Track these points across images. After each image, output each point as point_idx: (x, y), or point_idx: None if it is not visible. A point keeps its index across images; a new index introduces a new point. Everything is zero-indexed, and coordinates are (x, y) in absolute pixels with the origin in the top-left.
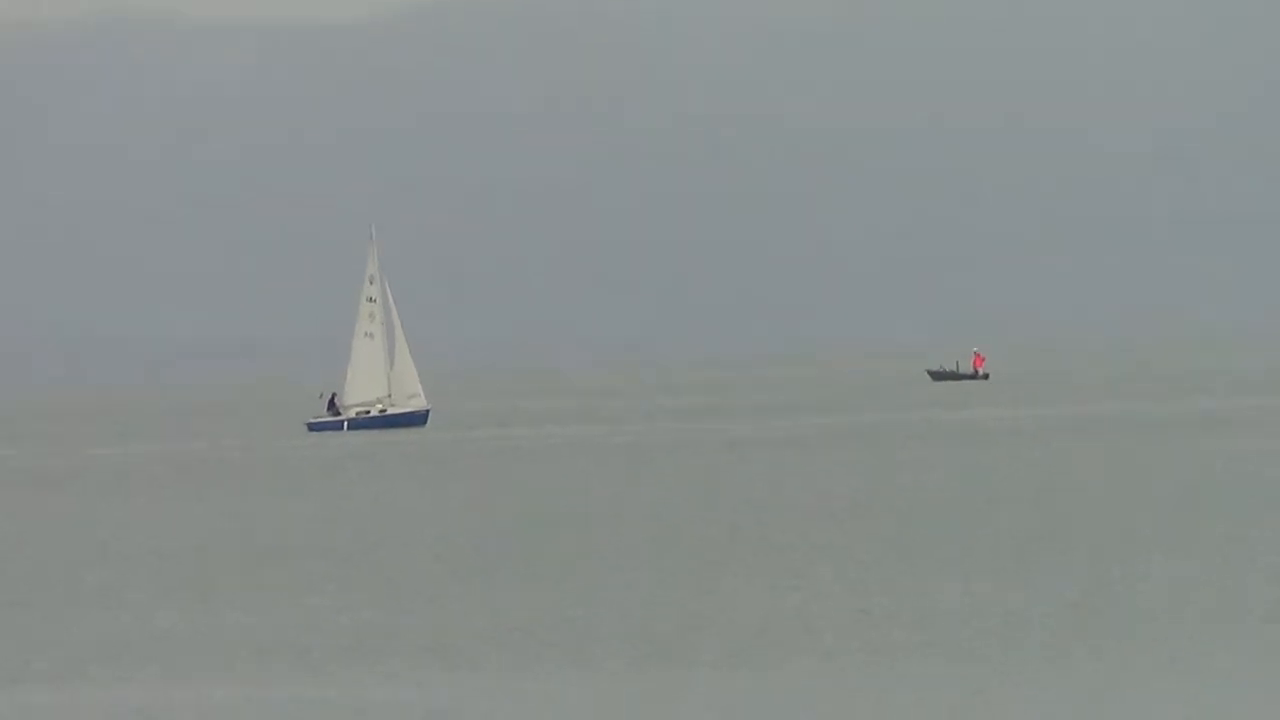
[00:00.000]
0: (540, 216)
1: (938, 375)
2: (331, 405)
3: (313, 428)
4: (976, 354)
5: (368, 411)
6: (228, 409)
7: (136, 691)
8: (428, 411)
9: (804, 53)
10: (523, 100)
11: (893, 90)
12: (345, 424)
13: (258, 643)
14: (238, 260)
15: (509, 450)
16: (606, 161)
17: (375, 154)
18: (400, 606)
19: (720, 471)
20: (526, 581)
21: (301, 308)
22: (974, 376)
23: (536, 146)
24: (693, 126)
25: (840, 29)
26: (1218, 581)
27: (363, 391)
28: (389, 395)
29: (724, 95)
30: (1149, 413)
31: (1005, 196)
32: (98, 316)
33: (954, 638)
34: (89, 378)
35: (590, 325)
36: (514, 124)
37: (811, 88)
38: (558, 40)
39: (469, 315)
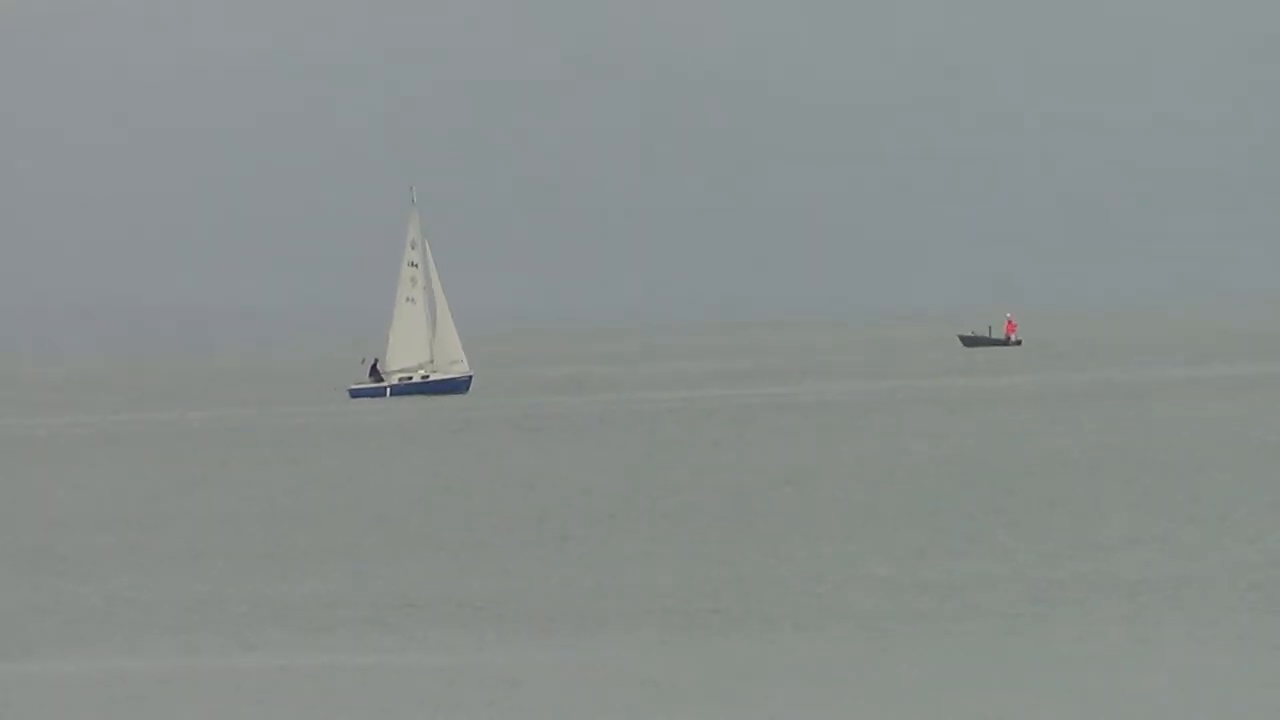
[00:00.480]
0: (576, 179)
1: (970, 341)
2: (374, 371)
3: (355, 394)
4: (1009, 319)
5: (410, 377)
6: (271, 375)
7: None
8: (470, 377)
9: (835, 21)
10: (551, 66)
11: (924, 61)
12: (388, 390)
13: (278, 609)
14: (278, 227)
15: (549, 417)
16: (639, 126)
17: (412, 121)
18: (430, 573)
19: (746, 441)
20: (552, 551)
21: (343, 273)
22: (1006, 342)
23: (570, 111)
24: (723, 93)
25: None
26: (1243, 553)
27: (405, 357)
28: (431, 361)
29: (757, 61)
30: (1175, 377)
31: (1032, 169)
32: (143, 286)
33: (980, 605)
34: (134, 346)
35: (631, 286)
36: (546, 90)
37: (850, 54)
38: (585, 5)
39: (509, 277)
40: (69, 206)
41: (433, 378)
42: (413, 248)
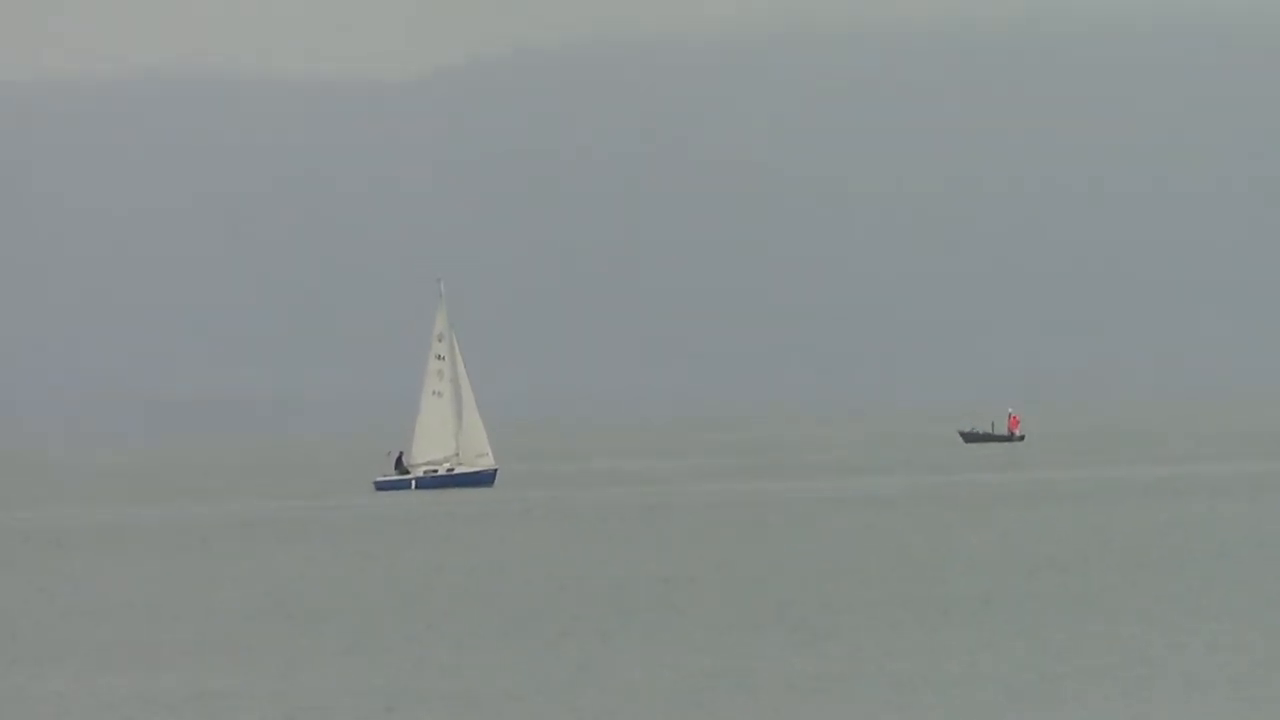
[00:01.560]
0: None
1: (970, 437)
2: (399, 464)
3: (380, 486)
4: (1012, 415)
5: (435, 470)
6: (297, 468)
7: None
8: (495, 471)
9: (844, 106)
10: (574, 149)
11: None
12: (413, 483)
13: (273, 705)
14: (304, 319)
15: (566, 512)
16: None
17: (440, 213)
18: (427, 668)
19: (738, 536)
20: (556, 644)
21: (370, 365)
22: (1010, 438)
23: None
24: (735, 177)
25: (873, 82)
26: (1254, 644)
27: (431, 450)
28: (457, 454)
29: (761, 146)
30: (1179, 476)
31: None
32: (166, 377)
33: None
34: (154, 437)
35: (644, 382)
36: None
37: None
38: (609, 90)
39: (538, 369)
40: (90, 299)
41: (458, 471)
42: (440, 340)
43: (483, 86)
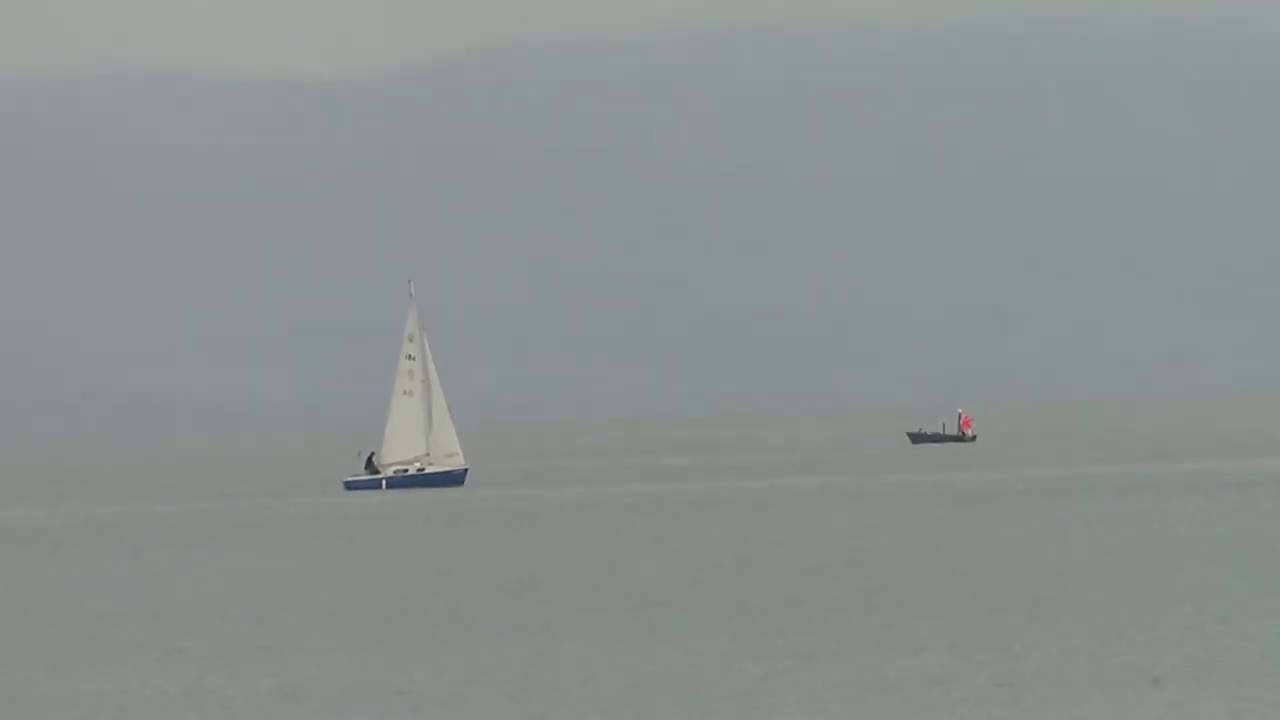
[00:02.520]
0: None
1: (917, 438)
2: (369, 464)
3: (350, 486)
4: (963, 415)
5: (406, 470)
6: (267, 468)
7: None
8: (466, 471)
9: (804, 103)
10: (539, 149)
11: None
12: (383, 482)
13: (239, 700)
14: (275, 321)
15: (531, 511)
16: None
17: (411, 213)
18: (396, 663)
19: (685, 532)
20: (505, 640)
21: (340, 365)
22: (961, 438)
23: (556, 194)
24: (705, 175)
25: (837, 81)
26: (1196, 641)
27: (401, 450)
28: (427, 454)
29: (720, 145)
30: (1136, 475)
31: (1000, 257)
32: (142, 378)
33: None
34: (127, 437)
35: (607, 381)
36: (534, 172)
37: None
38: (572, 90)
39: (508, 370)
40: (58, 297)
41: (428, 470)
42: (410, 341)
43: (447, 85)
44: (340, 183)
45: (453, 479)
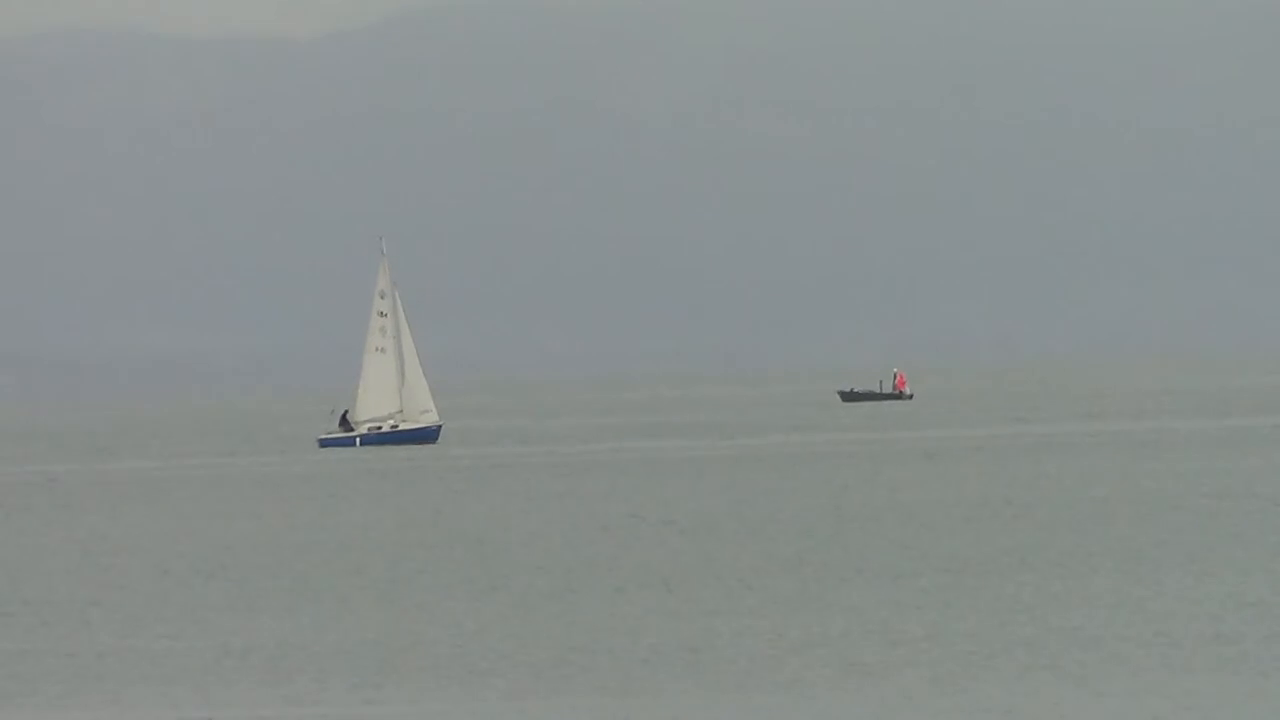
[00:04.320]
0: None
1: (849, 396)
2: (344, 421)
3: (324, 443)
4: (898, 374)
5: (380, 427)
6: (240, 424)
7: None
8: (440, 427)
9: (748, 61)
10: (513, 103)
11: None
12: (358, 440)
13: (191, 661)
14: (248, 275)
15: (499, 468)
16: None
17: (377, 165)
18: (332, 620)
19: (628, 494)
20: (464, 599)
21: (313, 322)
22: (898, 397)
23: (534, 151)
24: (666, 133)
25: (780, 40)
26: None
27: (375, 407)
28: (401, 411)
29: (667, 102)
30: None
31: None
32: (107, 335)
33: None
34: (95, 396)
35: (563, 339)
36: (510, 128)
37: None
38: (545, 44)
39: (479, 326)
40: (36, 254)
41: (402, 427)
42: (382, 297)
43: (400, 44)
44: (298, 141)
45: (427, 435)
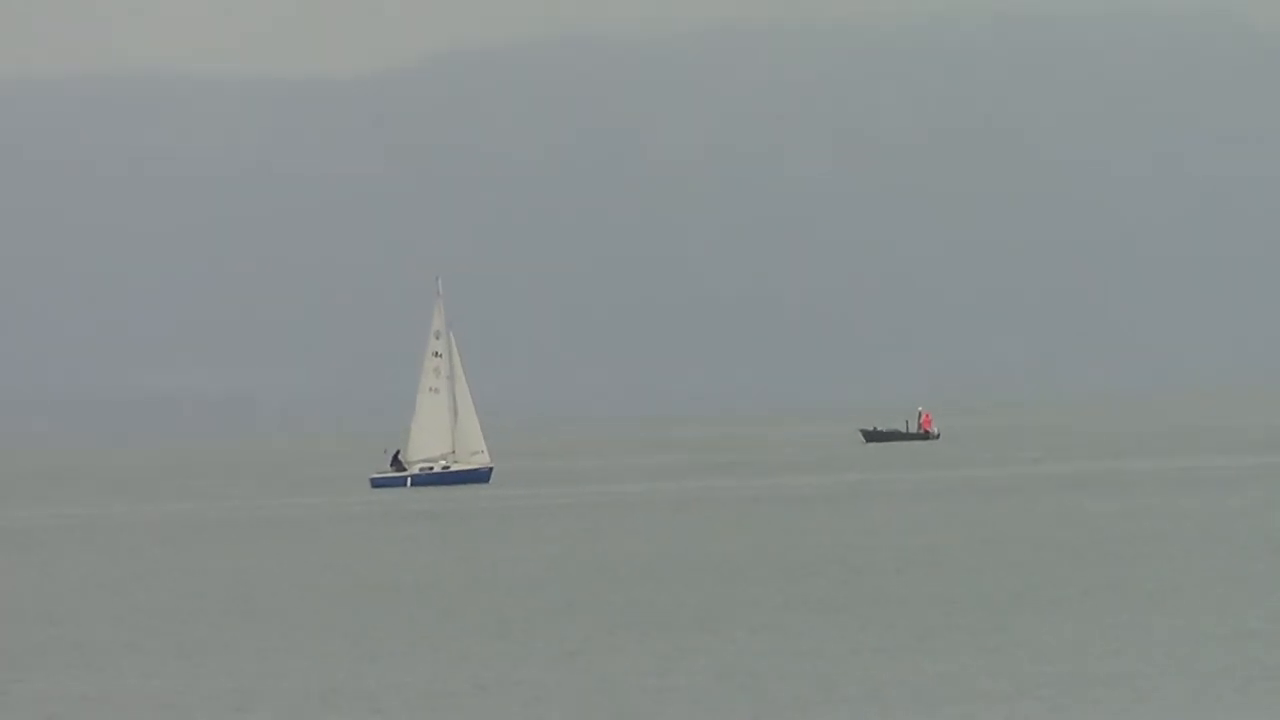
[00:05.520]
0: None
1: (872, 436)
2: (395, 461)
3: (376, 483)
4: (924, 414)
5: (431, 468)
6: (293, 466)
7: None
8: (491, 469)
9: (793, 101)
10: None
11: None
12: (409, 480)
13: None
14: (301, 316)
15: (557, 509)
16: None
17: (439, 211)
18: (372, 662)
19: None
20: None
21: (367, 363)
22: (925, 436)
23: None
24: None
25: (822, 80)
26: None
27: (427, 448)
28: (453, 451)
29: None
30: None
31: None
32: (153, 377)
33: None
34: (163, 434)
35: (612, 379)
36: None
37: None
38: (589, 83)
39: (534, 368)
40: (92, 297)
41: (454, 468)
42: (436, 338)
43: (454, 82)
44: (346, 179)
45: (478, 477)
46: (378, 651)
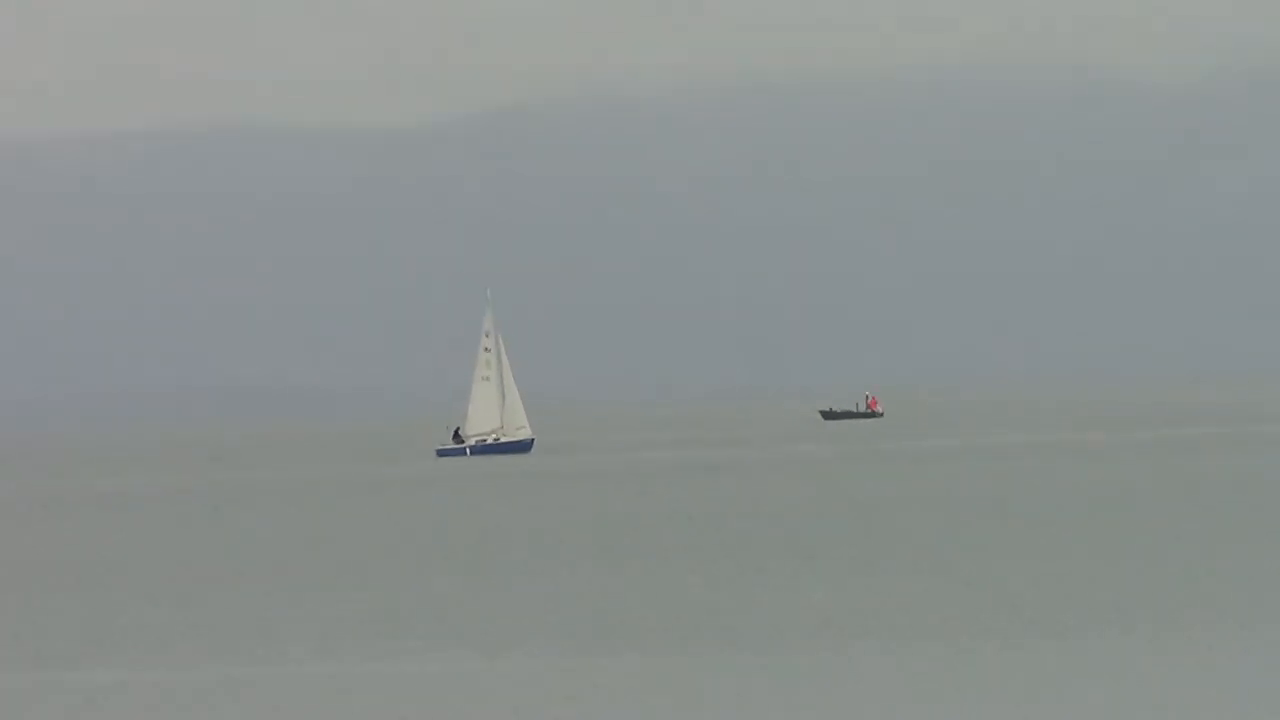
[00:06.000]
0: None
1: (829, 415)
2: (456, 436)
3: (441, 454)
4: (869, 396)
5: (485, 440)
6: (373, 441)
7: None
8: (532, 440)
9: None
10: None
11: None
12: (468, 450)
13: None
14: (377, 323)
15: (589, 474)
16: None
17: (480, 230)
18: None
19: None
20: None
21: (430, 357)
22: (870, 415)
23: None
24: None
25: (796, 137)
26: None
27: (481, 424)
28: (501, 427)
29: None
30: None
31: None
32: (263, 373)
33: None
34: (261, 419)
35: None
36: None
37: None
38: (608, 133)
39: (563, 361)
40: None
41: (503, 440)
42: (487, 336)
43: (502, 134)
44: (414, 213)
45: (522, 447)
46: (483, 573)
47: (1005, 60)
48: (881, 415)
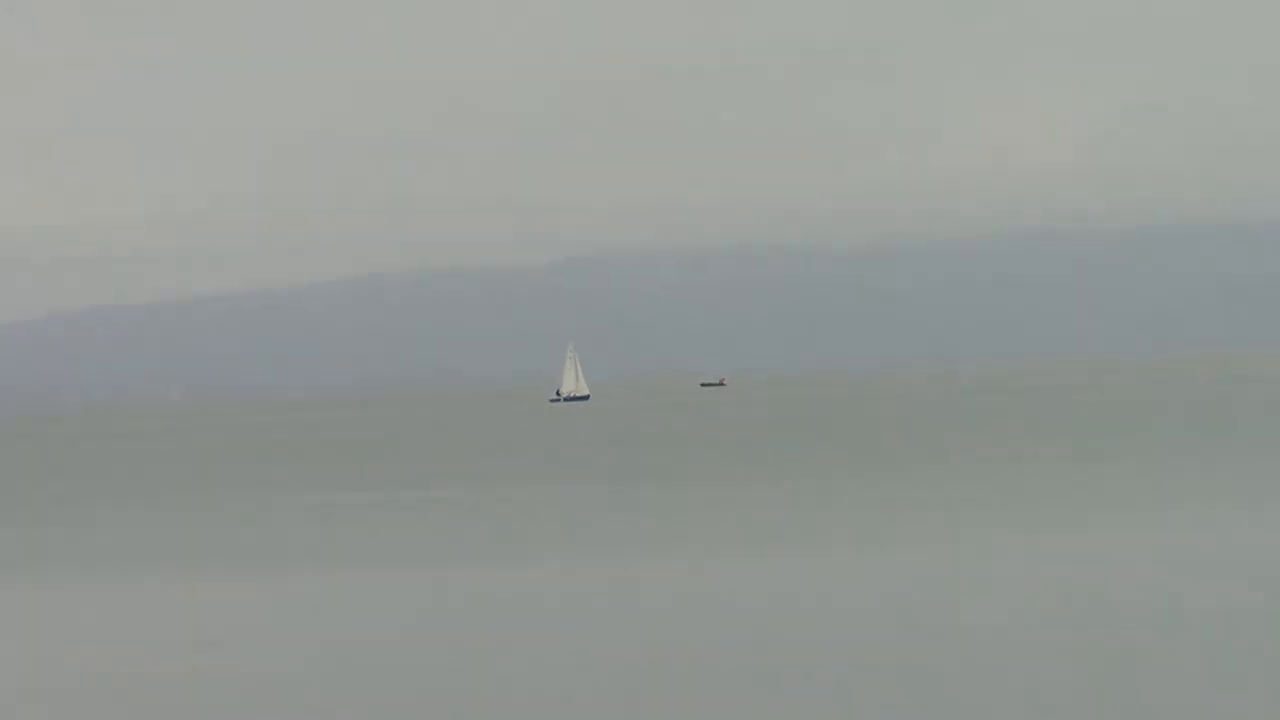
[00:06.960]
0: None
1: (705, 385)
2: (557, 393)
3: (552, 401)
4: (723, 378)
5: (572, 394)
6: (516, 398)
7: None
8: (589, 395)
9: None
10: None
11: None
12: (564, 399)
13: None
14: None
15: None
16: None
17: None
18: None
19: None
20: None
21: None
22: (720, 385)
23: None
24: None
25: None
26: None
27: (567, 387)
28: (575, 388)
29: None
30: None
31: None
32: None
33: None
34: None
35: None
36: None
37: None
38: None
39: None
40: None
41: (577, 394)
42: (570, 355)
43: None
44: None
45: (586, 399)
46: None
47: None
48: (725, 385)
